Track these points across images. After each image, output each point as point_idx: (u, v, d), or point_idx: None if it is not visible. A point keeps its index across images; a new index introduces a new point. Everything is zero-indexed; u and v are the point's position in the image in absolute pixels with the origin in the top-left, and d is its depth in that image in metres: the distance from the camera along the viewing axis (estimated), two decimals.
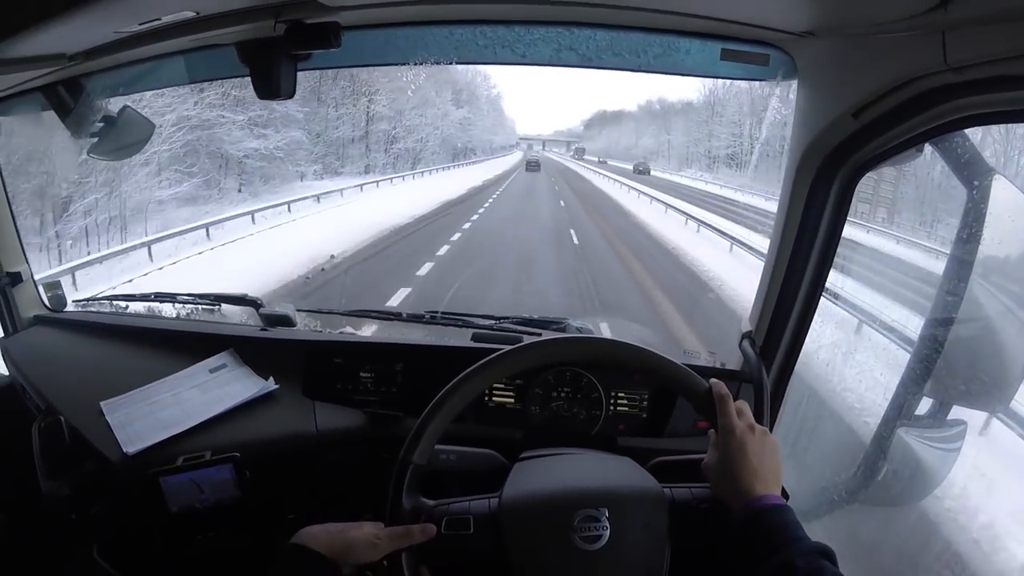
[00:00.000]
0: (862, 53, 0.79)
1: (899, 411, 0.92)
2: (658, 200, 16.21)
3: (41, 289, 1.39)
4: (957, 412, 0.93)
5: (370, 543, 0.67)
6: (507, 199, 17.62)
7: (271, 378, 1.11)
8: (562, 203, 17.22)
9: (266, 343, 1.21)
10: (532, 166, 30.83)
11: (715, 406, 0.71)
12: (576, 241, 10.31)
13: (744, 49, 0.91)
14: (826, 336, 1.08)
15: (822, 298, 0.98)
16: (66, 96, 1.11)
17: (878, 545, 1.09)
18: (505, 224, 12.29)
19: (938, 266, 0.94)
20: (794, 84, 0.90)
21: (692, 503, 0.71)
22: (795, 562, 0.60)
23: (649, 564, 0.67)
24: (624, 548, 0.66)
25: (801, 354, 1.02)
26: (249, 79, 0.89)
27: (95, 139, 1.16)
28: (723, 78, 1.08)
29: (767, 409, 0.94)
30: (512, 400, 1.06)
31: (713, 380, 0.73)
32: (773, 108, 0.99)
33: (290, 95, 0.90)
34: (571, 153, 54.92)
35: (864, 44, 0.78)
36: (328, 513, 0.77)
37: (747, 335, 1.03)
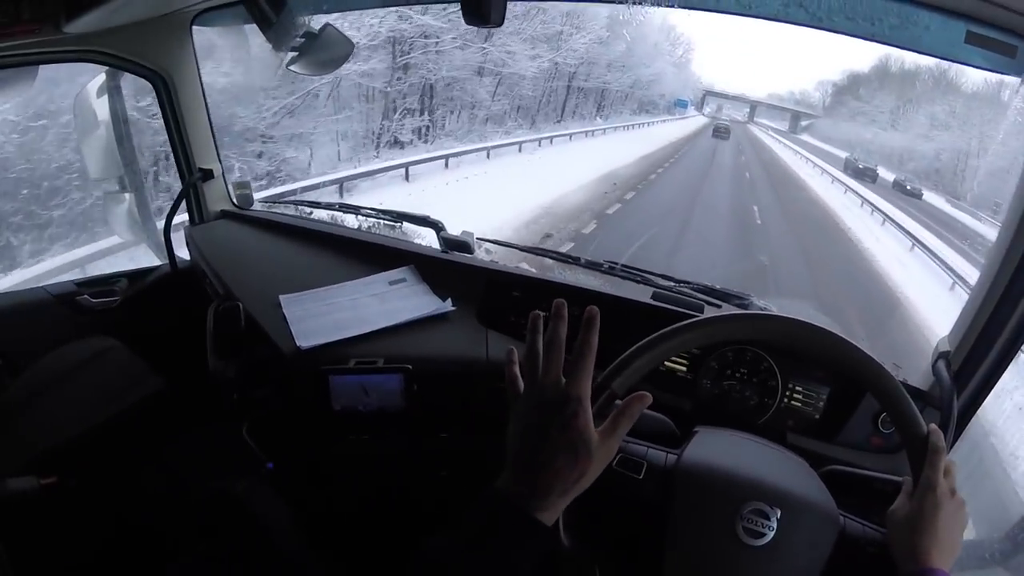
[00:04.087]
0: None
1: None
2: None
3: (231, 187, 1.53)
4: None
5: (593, 443, 0.55)
6: None
7: (449, 299, 1.13)
8: None
9: (446, 265, 1.22)
10: (721, 132, 22.59)
11: (926, 455, 0.64)
12: None
13: (992, 36, 0.77)
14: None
15: None
16: (268, 9, 1.17)
17: None
18: None
19: None
20: None
21: (861, 542, 0.66)
22: None
23: None
24: (782, 555, 0.63)
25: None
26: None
27: (295, 54, 1.23)
28: (960, 63, 0.91)
29: (950, 441, 0.83)
30: (684, 369, 1.01)
31: (932, 427, 0.65)
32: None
33: (498, 24, 0.88)
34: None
35: None
36: (480, 441, 0.78)
37: (943, 355, 0.91)
